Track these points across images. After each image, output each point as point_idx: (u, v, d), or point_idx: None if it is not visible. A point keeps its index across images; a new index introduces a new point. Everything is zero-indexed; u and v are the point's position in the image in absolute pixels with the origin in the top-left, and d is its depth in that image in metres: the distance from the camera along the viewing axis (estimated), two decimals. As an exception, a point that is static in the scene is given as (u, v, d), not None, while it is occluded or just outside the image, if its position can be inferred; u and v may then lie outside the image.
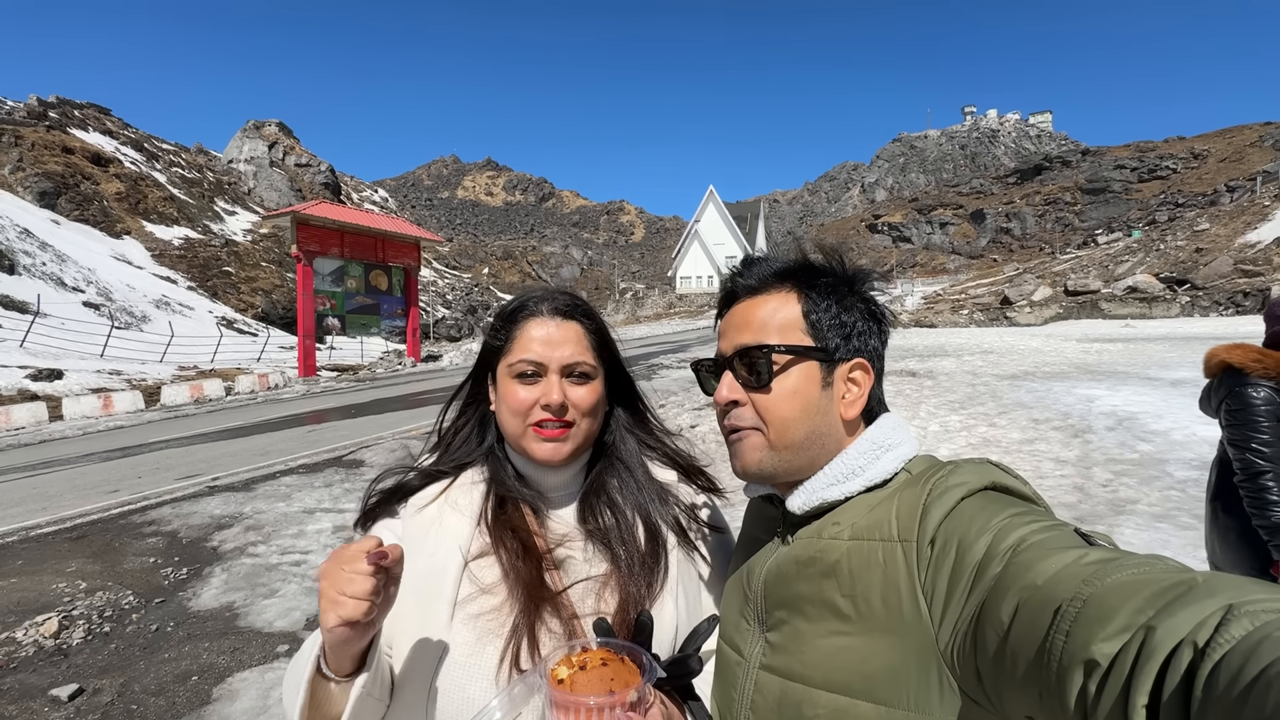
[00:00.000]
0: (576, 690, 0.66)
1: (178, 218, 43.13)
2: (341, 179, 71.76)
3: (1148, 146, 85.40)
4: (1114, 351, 16.28)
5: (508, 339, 0.92)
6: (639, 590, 0.86)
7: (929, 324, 32.12)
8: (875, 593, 0.67)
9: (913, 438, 0.80)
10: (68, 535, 5.63)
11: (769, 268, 0.82)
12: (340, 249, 23.83)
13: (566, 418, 0.88)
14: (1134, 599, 0.45)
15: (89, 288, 29.11)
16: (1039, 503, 0.68)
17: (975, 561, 0.59)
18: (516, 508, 0.91)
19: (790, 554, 0.77)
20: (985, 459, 0.73)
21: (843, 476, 0.75)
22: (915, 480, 0.72)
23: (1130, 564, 0.50)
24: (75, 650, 3.73)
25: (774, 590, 0.77)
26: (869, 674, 0.66)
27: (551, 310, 0.92)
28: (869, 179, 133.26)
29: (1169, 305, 28.88)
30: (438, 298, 59.61)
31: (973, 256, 78.87)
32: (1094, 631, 0.46)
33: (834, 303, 0.79)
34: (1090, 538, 0.57)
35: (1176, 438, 7.15)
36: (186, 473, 7.89)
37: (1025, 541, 0.57)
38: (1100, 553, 0.53)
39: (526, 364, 0.88)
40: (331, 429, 11.08)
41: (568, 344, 0.90)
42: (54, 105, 46.43)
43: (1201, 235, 39.19)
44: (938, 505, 0.66)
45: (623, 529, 0.91)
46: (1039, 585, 0.52)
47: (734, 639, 0.82)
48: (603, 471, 0.96)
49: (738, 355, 0.79)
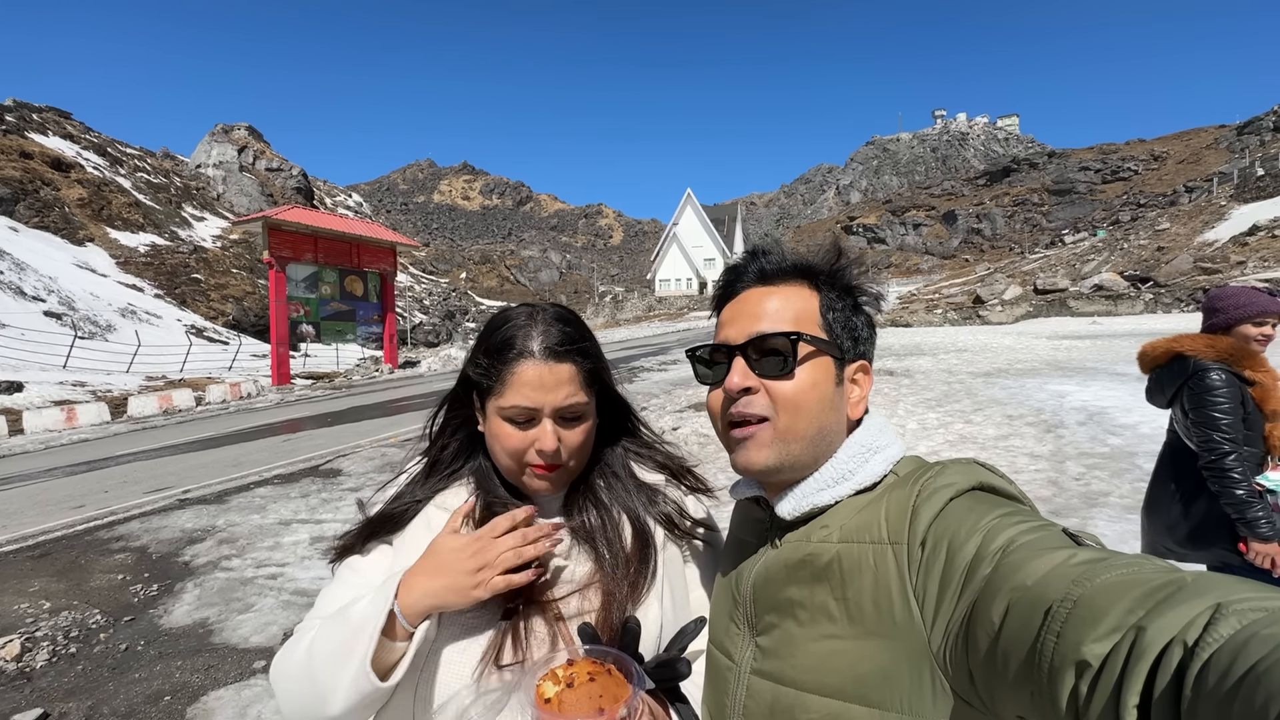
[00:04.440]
0: (565, 710, 0.65)
1: (143, 224, 41.99)
2: (314, 183, 70.59)
3: (1110, 149, 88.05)
4: (1083, 348, 16.70)
5: (497, 379, 0.86)
6: (622, 591, 0.85)
7: (904, 323, 32.63)
8: (866, 595, 0.67)
9: (899, 439, 0.81)
10: (30, 553, 5.42)
11: (785, 260, 0.81)
12: (314, 254, 23.42)
13: (560, 460, 0.87)
14: (1124, 599, 0.46)
15: (50, 296, 28.18)
16: (1025, 502, 0.68)
17: (966, 562, 0.59)
18: (504, 509, 0.90)
19: (779, 557, 0.76)
20: (972, 459, 0.73)
21: (833, 481, 0.75)
22: (903, 482, 0.72)
23: (1119, 564, 0.50)
24: (39, 673, 3.58)
25: (763, 594, 0.77)
26: (861, 677, 0.66)
27: (544, 352, 0.85)
28: (843, 181, 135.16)
29: (1133, 302, 29.74)
30: (415, 303, 58.90)
31: (945, 257, 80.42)
32: (1085, 632, 0.46)
33: (850, 304, 0.81)
34: (1078, 537, 0.57)
35: (1145, 431, 7.35)
36: (156, 486, 7.65)
37: (1014, 542, 0.57)
38: (1089, 553, 0.53)
39: (519, 411, 0.84)
40: (307, 438, 10.85)
41: (562, 387, 0.85)
42: (10, 109, 44.92)
43: (1162, 234, 40.48)
44: (927, 506, 0.66)
45: (608, 529, 0.90)
46: (1029, 586, 0.52)
47: (724, 643, 0.82)
48: (590, 474, 0.95)
49: (754, 342, 0.77)
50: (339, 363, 28.78)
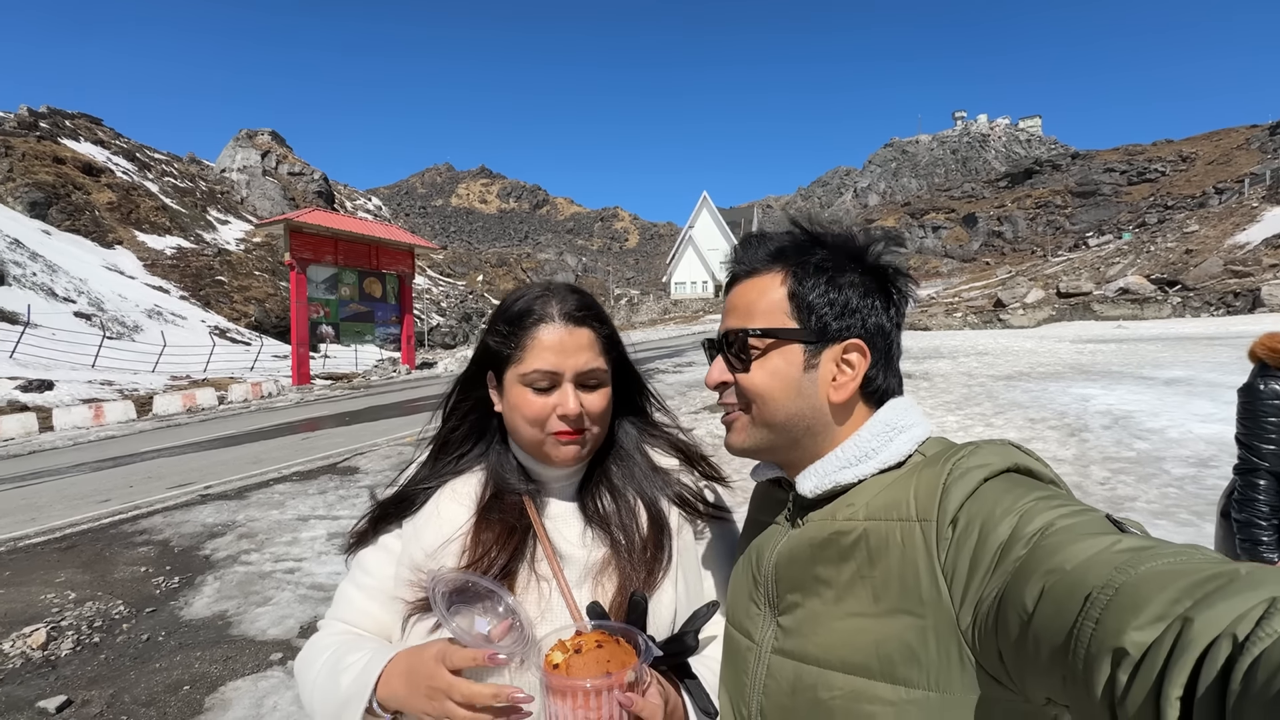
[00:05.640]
0: (572, 674, 0.65)
1: (170, 227, 42.96)
2: (335, 187, 71.69)
3: (1136, 150, 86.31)
4: (1107, 352, 16.36)
5: (517, 346, 0.87)
6: (638, 575, 0.85)
7: (923, 327, 32.25)
8: (893, 572, 0.66)
9: (925, 420, 0.78)
10: (57, 545, 5.54)
11: (763, 249, 0.81)
12: (334, 256, 23.77)
13: (582, 425, 0.87)
14: (1170, 588, 0.44)
15: (80, 298, 28.93)
16: (1061, 486, 0.66)
17: (1000, 543, 0.58)
18: (515, 496, 0.90)
19: (803, 536, 0.75)
20: (1006, 440, 0.70)
21: (855, 459, 0.74)
22: (932, 461, 0.71)
23: (1166, 553, 0.48)
24: (64, 661, 3.65)
25: (786, 573, 0.76)
26: (886, 654, 0.65)
27: (563, 316, 0.87)
28: (861, 184, 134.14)
29: (1160, 306, 29.08)
30: (432, 305, 59.51)
31: (965, 260, 79.41)
32: (1126, 620, 0.44)
33: (823, 281, 0.76)
34: (1122, 524, 0.55)
35: (1173, 435, 7.17)
36: (179, 481, 7.80)
37: (1053, 525, 0.56)
38: (1134, 540, 0.51)
39: (540, 374, 0.85)
40: (325, 436, 10.99)
41: (582, 351, 0.86)
42: (45, 115, 46.27)
43: (1191, 237, 39.56)
44: (959, 486, 0.65)
45: (623, 514, 0.90)
46: (1067, 570, 0.51)
47: (744, 624, 0.81)
48: (604, 458, 0.95)
49: (724, 338, 0.80)
50: (358, 363, 29.15)
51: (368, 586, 0.89)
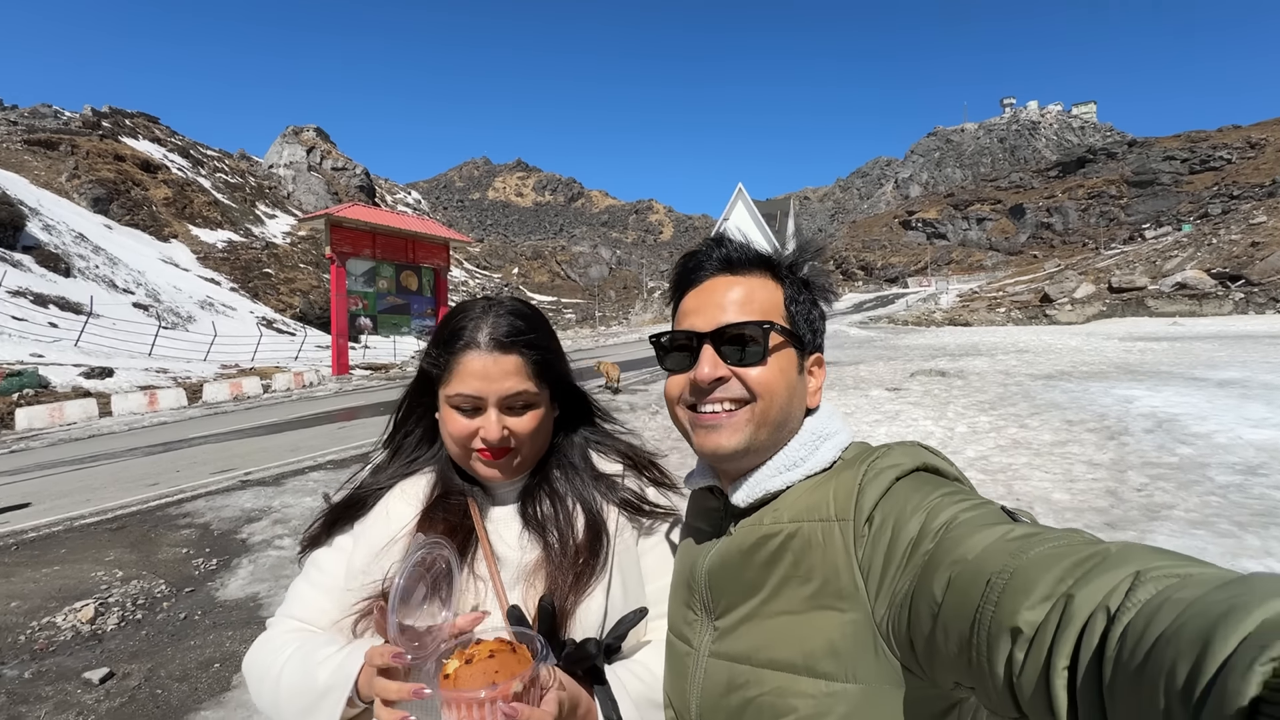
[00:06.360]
0: (459, 685, 0.67)
1: (221, 221, 44.76)
2: (376, 181, 73.44)
3: (1200, 136, 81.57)
4: (1158, 351, 15.62)
5: (445, 369, 0.89)
6: (564, 579, 0.87)
7: (963, 322, 31.32)
8: (816, 571, 0.69)
9: (848, 426, 0.83)
10: (109, 526, 5.90)
11: (750, 250, 0.83)
12: (372, 250, 24.39)
13: (509, 445, 0.88)
14: (1054, 569, 0.48)
15: (138, 289, 30.45)
16: (965, 483, 0.71)
17: (910, 538, 0.62)
18: (460, 497, 0.93)
19: (733, 544, 0.78)
20: (915, 442, 0.75)
21: (785, 467, 0.78)
22: (850, 464, 0.75)
23: (1051, 537, 0.53)
24: (109, 636, 3.90)
25: (718, 580, 0.78)
26: (809, 650, 0.68)
27: (489, 343, 0.88)
28: (903, 174, 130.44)
29: (1221, 302, 27.57)
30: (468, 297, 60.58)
31: (1011, 253, 76.60)
32: (1019, 601, 0.48)
33: (807, 298, 0.83)
34: (1015, 514, 0.60)
35: (1220, 440, 6.82)
36: (221, 467, 8.18)
37: (956, 519, 0.60)
38: (1024, 528, 0.56)
39: (464, 399, 0.87)
40: (360, 426, 11.35)
41: (507, 378, 0.87)
42: (106, 115, 48.62)
43: (1258, 229, 37.26)
44: (873, 486, 0.69)
45: (560, 518, 0.92)
46: (969, 560, 0.55)
47: (683, 631, 0.83)
48: (547, 464, 0.97)
49: (723, 331, 0.77)
50: (395, 354, 29.93)
51: (321, 584, 0.92)
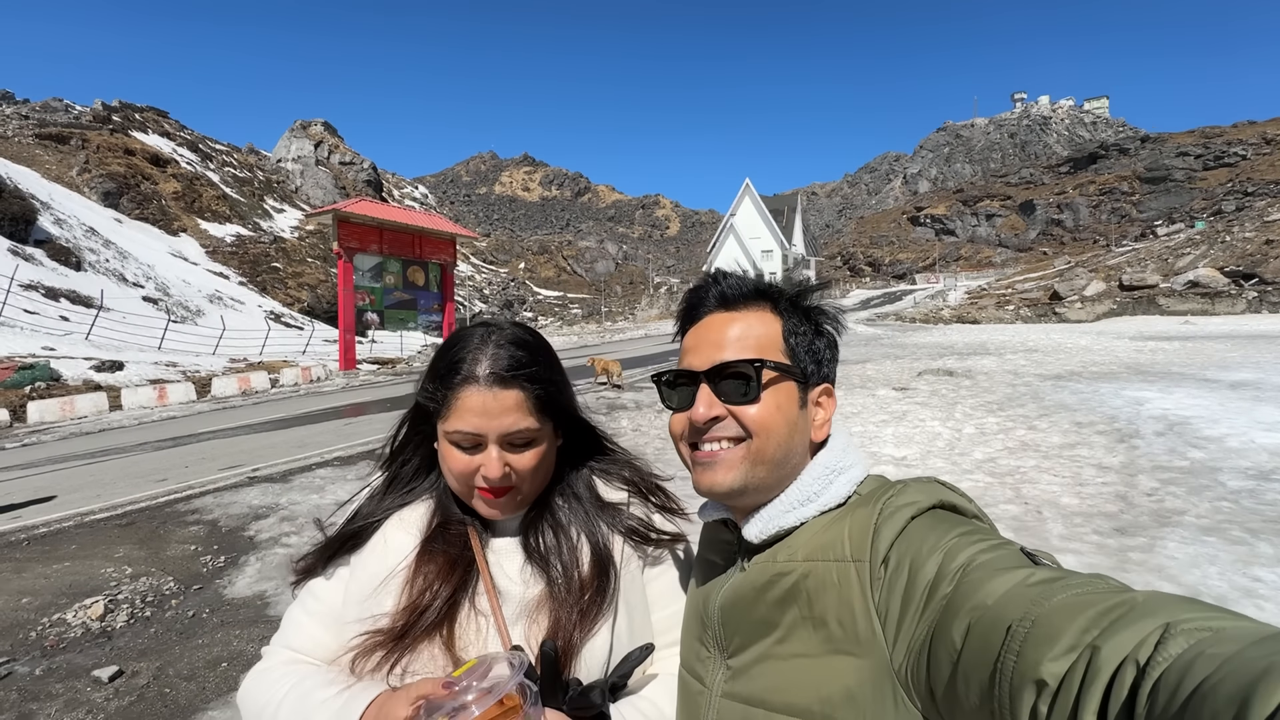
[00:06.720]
0: None
1: (230, 216, 44.97)
2: (383, 176, 73.60)
3: (1214, 132, 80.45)
4: (1170, 351, 15.47)
5: (443, 403, 0.85)
6: (569, 616, 0.84)
7: (972, 320, 31.13)
8: (831, 614, 0.68)
9: (863, 459, 0.81)
10: (118, 522, 5.94)
11: (748, 283, 0.82)
12: (379, 246, 24.45)
13: (510, 484, 0.86)
14: (1079, 619, 0.47)
15: (148, 283, 30.65)
16: (985, 520, 0.69)
17: (927, 581, 0.60)
18: (460, 527, 0.91)
19: (746, 580, 0.77)
20: (933, 478, 0.74)
21: (798, 503, 0.76)
22: (865, 500, 0.73)
23: (1074, 584, 0.51)
24: (118, 633, 3.93)
25: (730, 617, 0.77)
26: (826, 697, 0.66)
27: (489, 378, 0.84)
28: (911, 170, 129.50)
29: (1234, 301, 27.27)
30: (475, 292, 60.66)
31: (1021, 249, 76.01)
32: (1043, 651, 0.47)
33: (810, 329, 0.81)
34: (1035, 556, 0.58)
35: (1232, 444, 6.75)
36: (229, 463, 8.23)
37: (974, 561, 0.58)
38: (1045, 572, 0.54)
39: (463, 436, 0.83)
40: (367, 422, 11.40)
41: (507, 414, 0.83)
42: (117, 109, 48.88)
43: (1272, 226, 36.77)
44: (888, 525, 0.67)
45: (564, 551, 0.89)
46: (989, 605, 0.53)
47: (695, 667, 0.82)
48: (549, 494, 0.94)
49: (719, 370, 0.76)
50: (402, 349, 30.05)
51: (317, 613, 0.90)
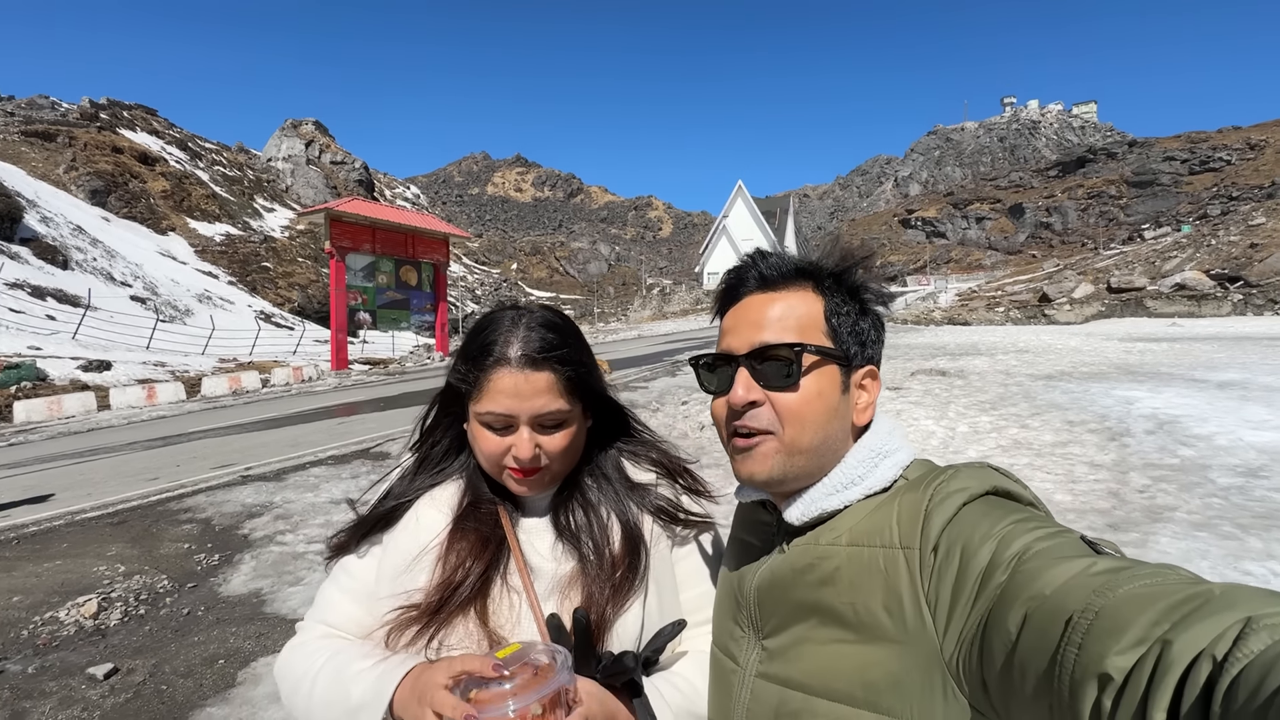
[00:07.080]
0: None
1: (219, 215, 44.58)
2: (375, 176, 73.23)
3: (1200, 137, 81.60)
4: (1158, 352, 15.67)
5: (474, 385, 0.86)
6: (602, 591, 0.85)
7: (962, 321, 31.37)
8: (877, 600, 0.66)
9: (909, 443, 0.79)
10: (110, 520, 5.87)
11: (788, 262, 0.79)
12: (372, 245, 24.33)
13: (539, 464, 0.87)
14: (1149, 611, 0.44)
15: (136, 282, 30.33)
16: (1040, 507, 0.66)
17: (980, 569, 0.58)
18: (491, 506, 0.92)
19: (786, 561, 0.75)
20: (985, 463, 0.71)
21: (842, 485, 0.74)
22: (914, 485, 0.71)
23: (1143, 574, 0.48)
24: (112, 631, 3.88)
25: (768, 598, 0.76)
26: (871, 683, 0.64)
27: (520, 360, 0.84)
28: (902, 173, 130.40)
29: (1219, 304, 27.65)
30: (467, 293, 60.46)
31: (1010, 252, 76.71)
32: (1108, 644, 0.44)
33: (854, 308, 0.78)
34: (1097, 545, 0.55)
35: (1221, 443, 6.84)
36: (222, 462, 8.16)
37: (1030, 549, 0.56)
38: (1109, 561, 0.51)
39: (495, 417, 0.84)
40: (360, 421, 11.33)
41: (539, 396, 0.84)
42: (105, 106, 48.36)
43: (1257, 230, 37.34)
44: (939, 511, 0.65)
45: (595, 528, 0.90)
46: (1047, 595, 0.51)
47: (728, 647, 0.81)
48: (579, 474, 0.95)
49: (758, 353, 0.75)
50: (394, 349, 29.88)
51: (351, 589, 0.92)
